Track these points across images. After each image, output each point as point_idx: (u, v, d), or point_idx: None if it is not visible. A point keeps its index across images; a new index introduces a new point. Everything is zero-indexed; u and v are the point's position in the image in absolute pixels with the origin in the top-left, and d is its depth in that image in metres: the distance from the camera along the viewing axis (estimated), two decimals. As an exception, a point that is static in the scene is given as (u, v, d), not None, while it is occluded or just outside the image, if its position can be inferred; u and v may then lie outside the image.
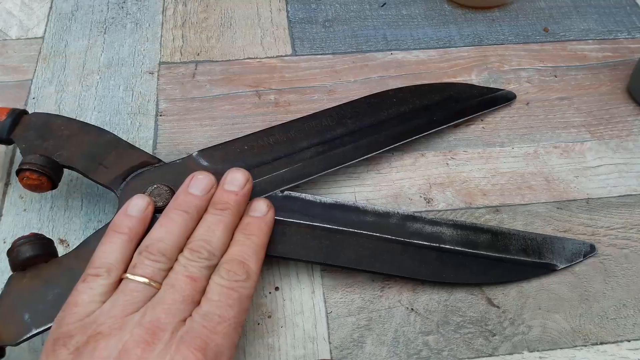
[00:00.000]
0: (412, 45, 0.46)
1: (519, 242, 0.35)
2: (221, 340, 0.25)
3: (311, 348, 0.31)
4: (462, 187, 0.38)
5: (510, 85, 0.43)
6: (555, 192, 0.38)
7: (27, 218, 0.36)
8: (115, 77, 0.43)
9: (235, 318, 0.26)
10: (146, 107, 0.41)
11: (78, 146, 0.34)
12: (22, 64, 0.44)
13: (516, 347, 0.32)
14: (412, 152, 0.40)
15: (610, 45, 0.47)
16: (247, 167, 0.34)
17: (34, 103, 0.41)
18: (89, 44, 0.45)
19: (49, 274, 0.29)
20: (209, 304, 0.26)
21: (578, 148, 0.40)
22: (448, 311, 0.33)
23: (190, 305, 0.26)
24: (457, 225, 0.35)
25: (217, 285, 0.27)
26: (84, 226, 0.35)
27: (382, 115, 0.38)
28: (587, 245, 0.35)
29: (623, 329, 0.32)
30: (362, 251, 0.33)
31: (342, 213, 0.34)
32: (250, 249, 0.29)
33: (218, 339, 0.25)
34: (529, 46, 0.46)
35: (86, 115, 0.41)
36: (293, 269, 0.34)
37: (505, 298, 0.33)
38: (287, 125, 0.37)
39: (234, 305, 0.26)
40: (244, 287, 0.27)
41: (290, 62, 0.44)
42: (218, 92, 0.42)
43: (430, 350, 0.31)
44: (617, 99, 0.43)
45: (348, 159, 0.36)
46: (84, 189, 0.37)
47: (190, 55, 0.45)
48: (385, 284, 0.33)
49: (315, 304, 0.33)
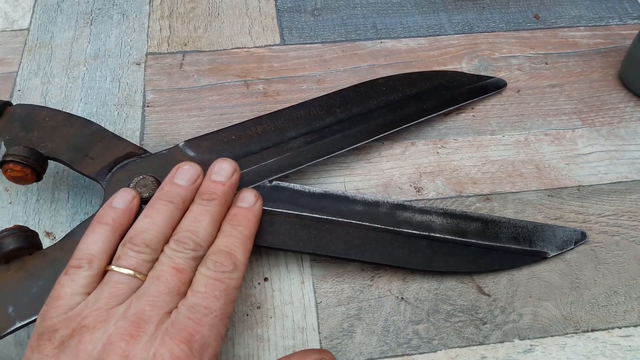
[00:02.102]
0: (401, 34, 0.46)
1: (510, 230, 0.34)
2: (207, 332, 0.24)
3: (301, 338, 0.31)
4: (452, 176, 0.38)
5: (500, 73, 0.43)
6: (546, 180, 0.38)
7: (12, 211, 0.35)
8: (101, 69, 0.43)
9: (222, 309, 0.26)
10: (133, 98, 0.41)
11: (63, 137, 0.33)
12: (7, 56, 0.43)
13: (507, 335, 0.31)
14: (402, 141, 0.39)
15: (602, 32, 0.46)
16: (234, 157, 0.34)
17: (19, 95, 0.41)
18: (75, 35, 0.45)
19: (33, 266, 0.28)
20: (195, 296, 0.25)
21: (569, 135, 0.40)
22: (438, 300, 0.32)
23: (176, 297, 0.25)
24: (447, 213, 0.35)
25: (203, 276, 0.26)
26: (71, 219, 0.35)
27: (372, 104, 0.38)
28: (578, 232, 0.35)
29: (614, 316, 0.32)
30: (352, 240, 0.32)
31: (331, 203, 0.34)
32: (238, 239, 0.28)
33: (204, 331, 0.24)
34: (519, 33, 0.46)
35: (72, 107, 0.40)
36: (282, 259, 0.34)
37: (496, 286, 0.33)
38: (275, 115, 0.37)
39: (221, 297, 0.26)
40: (230, 278, 0.26)
41: (278, 52, 0.44)
42: (206, 82, 0.42)
43: (420, 339, 0.31)
44: (609, 86, 0.43)
45: (337, 148, 0.36)
46: (70, 182, 0.36)
47: (178, 46, 0.44)
48: (375, 273, 0.33)
49: (305, 294, 0.32)
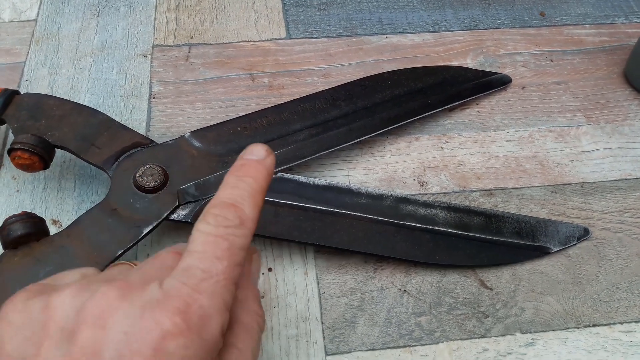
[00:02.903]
0: (407, 29, 0.46)
1: (513, 225, 0.35)
2: (207, 301, 0.19)
3: (304, 328, 0.31)
4: (456, 171, 0.38)
5: (505, 70, 0.43)
6: (549, 176, 0.38)
7: (20, 199, 0.35)
8: (108, 60, 0.43)
9: (225, 274, 0.20)
10: (139, 90, 0.41)
11: (70, 126, 0.33)
12: (15, 46, 0.43)
13: (509, 329, 0.32)
14: (407, 135, 0.39)
15: (607, 30, 0.46)
16: (239, 149, 0.33)
17: (27, 85, 0.41)
18: (82, 27, 0.45)
19: (40, 252, 0.28)
20: (190, 257, 0.20)
21: (573, 132, 0.40)
22: (441, 293, 0.33)
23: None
24: (450, 207, 0.35)
25: (201, 233, 0.21)
26: (77, 207, 0.35)
27: (377, 98, 0.38)
28: (581, 228, 0.35)
29: (616, 312, 0.32)
30: (355, 232, 0.33)
31: (335, 195, 0.34)
32: (245, 191, 0.22)
33: (203, 300, 0.19)
34: (525, 30, 0.46)
35: (79, 98, 0.40)
36: (286, 250, 0.34)
37: (498, 280, 0.33)
38: (281, 107, 0.37)
39: (223, 258, 0.20)
40: (235, 234, 0.21)
41: (284, 46, 0.44)
42: (211, 75, 0.42)
43: (422, 330, 0.31)
44: (613, 84, 0.43)
45: (342, 141, 0.36)
46: (76, 171, 0.37)
47: (184, 38, 0.44)
48: (378, 265, 0.33)
49: (308, 285, 0.33)
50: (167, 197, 0.32)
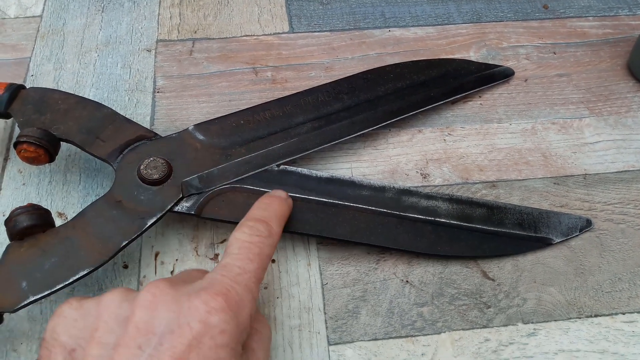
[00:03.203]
0: (410, 22, 0.46)
1: (515, 216, 0.35)
2: (242, 291, 0.24)
3: (306, 318, 0.31)
4: (458, 163, 0.38)
5: (508, 62, 0.43)
6: (552, 168, 0.38)
7: (26, 192, 0.36)
8: (113, 55, 0.43)
9: (256, 272, 0.25)
10: (144, 84, 0.41)
11: (75, 120, 0.34)
12: (20, 42, 0.44)
13: (510, 319, 0.32)
14: (409, 128, 0.40)
15: (611, 22, 0.46)
16: (242, 141, 0.34)
17: (32, 80, 0.41)
18: (87, 22, 0.45)
19: (46, 243, 0.29)
20: (228, 257, 0.25)
21: (576, 124, 0.40)
22: (443, 283, 0.33)
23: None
24: (452, 199, 0.35)
25: (237, 240, 0.26)
26: (82, 200, 0.35)
27: (379, 91, 0.38)
28: (584, 219, 0.35)
29: (618, 302, 0.32)
30: (358, 224, 0.33)
31: (338, 187, 0.34)
32: (273, 213, 0.29)
33: (239, 289, 0.24)
34: (528, 23, 0.46)
35: (84, 92, 0.41)
36: (289, 242, 0.34)
37: (501, 271, 0.33)
38: (283, 100, 0.37)
39: (255, 260, 0.25)
40: (265, 243, 0.27)
41: (287, 40, 0.44)
42: (215, 69, 0.42)
43: (424, 321, 0.31)
44: (617, 76, 0.43)
45: (344, 134, 0.36)
46: (82, 164, 0.37)
47: (188, 33, 0.45)
48: (381, 256, 0.34)
49: (311, 276, 0.33)
50: (171, 189, 0.32)
